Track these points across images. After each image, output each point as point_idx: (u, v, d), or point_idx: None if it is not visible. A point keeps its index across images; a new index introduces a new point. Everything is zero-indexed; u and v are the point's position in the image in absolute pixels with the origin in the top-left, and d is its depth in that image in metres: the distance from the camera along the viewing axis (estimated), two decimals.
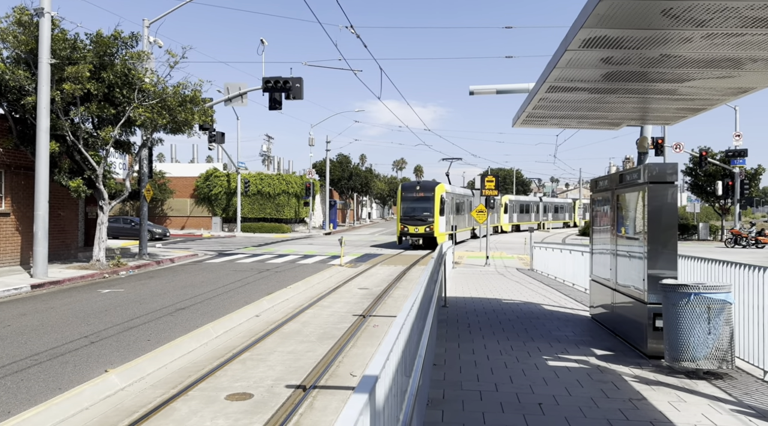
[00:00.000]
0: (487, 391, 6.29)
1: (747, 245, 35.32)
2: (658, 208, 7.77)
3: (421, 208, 31.03)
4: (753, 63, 5.82)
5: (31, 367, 7.66)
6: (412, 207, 31.19)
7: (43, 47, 15.52)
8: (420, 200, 31.26)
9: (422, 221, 30.69)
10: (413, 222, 30.77)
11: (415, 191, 31.65)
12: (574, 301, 13.00)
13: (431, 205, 30.91)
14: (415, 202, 31.33)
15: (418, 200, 31.29)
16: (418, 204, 31.16)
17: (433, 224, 30.64)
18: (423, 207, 31.02)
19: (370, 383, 2.11)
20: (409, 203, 31.35)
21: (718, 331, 6.67)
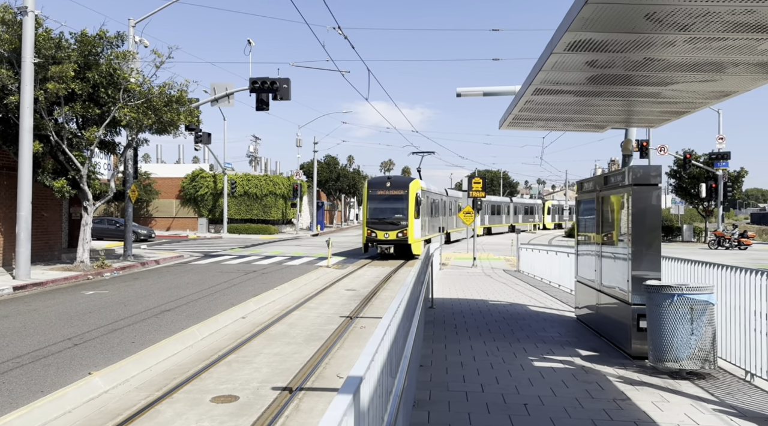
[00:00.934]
0: (473, 392, 6.30)
1: (730, 247, 35.77)
2: (643, 210, 7.84)
3: (392, 209, 25.44)
4: (735, 67, 5.90)
5: (13, 370, 7.56)
6: (382, 207, 25.61)
7: (27, 46, 15.34)
8: (391, 199, 25.63)
9: (394, 225, 24.97)
10: (383, 226, 25.16)
11: (385, 188, 25.88)
12: (560, 302, 13.08)
13: (404, 206, 25.33)
14: (385, 201, 25.70)
15: (388, 199, 25.65)
16: (389, 204, 25.58)
17: (407, 229, 24.95)
18: (395, 207, 25.44)
19: (354, 384, 2.11)
20: (377, 203, 25.78)
21: (701, 331, 6.75)
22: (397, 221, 25.11)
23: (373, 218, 25.34)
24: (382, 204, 25.69)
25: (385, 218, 25.25)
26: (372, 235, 25.08)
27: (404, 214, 25.20)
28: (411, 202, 25.34)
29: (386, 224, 25.14)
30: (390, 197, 25.66)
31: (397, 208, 25.38)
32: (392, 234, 24.97)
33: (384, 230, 25.00)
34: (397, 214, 25.24)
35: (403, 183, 26.15)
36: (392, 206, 25.49)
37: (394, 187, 25.87)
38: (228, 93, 22.91)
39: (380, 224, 25.20)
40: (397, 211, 25.32)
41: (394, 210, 25.39)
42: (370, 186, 26.35)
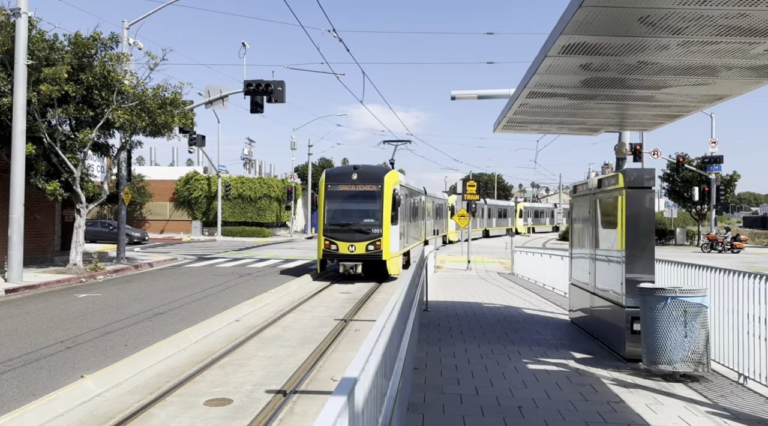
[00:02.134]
0: (467, 395, 6.30)
1: (723, 250, 35.94)
2: (636, 213, 7.87)
3: (359, 211, 18.52)
4: (728, 71, 5.93)
5: (5, 373, 7.50)
6: (345, 209, 18.62)
7: (20, 48, 15.27)
8: (359, 197, 18.65)
9: (362, 234, 18.02)
10: (346, 235, 18.03)
11: (350, 182, 18.66)
12: (554, 305, 13.10)
13: (377, 207, 18.25)
14: (349, 200, 18.67)
15: (355, 198, 18.66)
16: (356, 204, 18.64)
17: (381, 239, 17.88)
18: (363, 209, 18.50)
19: (348, 386, 2.11)
20: (339, 202, 18.61)
21: (695, 334, 6.77)
22: (367, 228, 17.94)
23: (334, 224, 18.19)
24: (346, 204, 18.54)
25: (350, 224, 18.07)
26: (331, 247, 17.91)
27: (377, 218, 18.00)
28: (386, 201, 18.11)
29: (351, 232, 17.96)
30: (357, 195, 18.51)
31: (368, 210, 18.29)
32: (360, 246, 17.73)
33: (348, 241, 17.82)
34: (367, 219, 18.14)
35: (375, 175, 18.79)
36: (360, 207, 18.43)
37: (362, 181, 18.49)
38: (222, 95, 22.88)
39: (343, 232, 17.99)
40: (366, 214, 18.26)
41: (363, 213, 18.33)
42: (328, 179, 18.85)
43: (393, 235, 18.23)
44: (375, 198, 18.34)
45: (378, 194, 18.34)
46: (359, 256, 17.87)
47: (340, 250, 17.95)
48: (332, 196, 18.61)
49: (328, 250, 18.13)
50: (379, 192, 18.34)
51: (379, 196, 18.28)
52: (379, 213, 18.14)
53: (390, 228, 18.07)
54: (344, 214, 18.50)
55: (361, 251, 17.83)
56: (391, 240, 18.08)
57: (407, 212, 21.21)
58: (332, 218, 18.36)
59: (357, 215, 18.45)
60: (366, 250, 17.85)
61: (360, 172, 18.70)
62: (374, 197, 18.35)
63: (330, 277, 19.15)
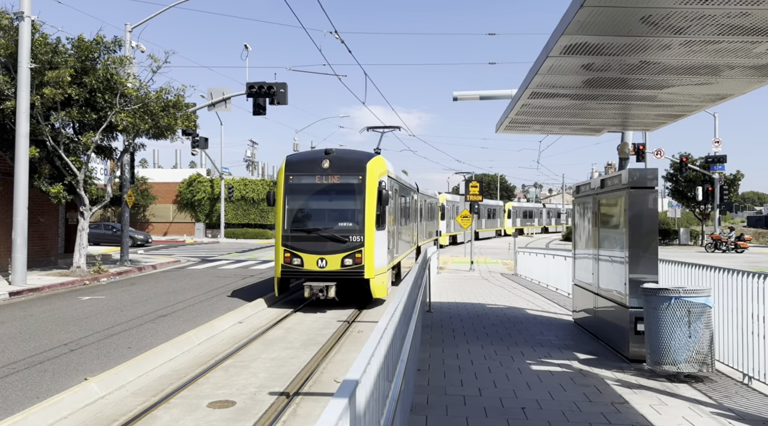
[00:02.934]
0: (471, 396, 6.29)
1: (727, 250, 35.83)
2: (639, 213, 7.85)
3: (333, 211, 13.93)
4: (730, 70, 5.92)
5: (9, 376, 7.51)
6: (313, 209, 13.98)
7: (23, 51, 15.32)
8: (331, 193, 13.91)
9: (338, 242, 13.30)
10: (314, 245, 13.30)
11: (319, 171, 13.82)
12: (558, 306, 13.08)
13: (358, 205, 13.56)
14: (318, 197, 13.93)
15: (326, 193, 13.89)
16: (327, 202, 14.00)
17: (364, 249, 13.22)
18: (338, 209, 13.92)
19: (350, 387, 2.10)
20: (304, 200, 13.97)
21: (699, 334, 6.75)
22: (344, 235, 13.19)
23: (297, 230, 13.38)
24: (314, 202, 13.85)
25: (320, 230, 13.26)
26: (293, 262, 13.14)
27: (357, 220, 13.34)
28: (370, 197, 13.35)
29: (322, 241, 13.17)
30: (329, 189, 13.69)
31: (344, 210, 13.70)
32: (333, 260, 13.01)
33: (317, 253, 13.06)
34: (344, 222, 13.46)
35: (354, 162, 13.90)
36: (334, 206, 13.83)
37: (337, 170, 13.64)
38: (225, 98, 22.92)
39: (310, 241, 13.20)
40: (342, 216, 13.63)
41: (338, 213, 13.72)
42: (290, 168, 13.88)
43: (379, 243, 13.28)
44: (354, 193, 13.36)
45: (358, 188, 13.34)
46: (332, 273, 12.86)
47: (305, 266, 12.95)
48: (295, 191, 13.62)
49: (289, 266, 13.02)
50: (359, 185, 13.35)
51: (360, 191, 13.29)
52: (360, 214, 13.18)
53: (375, 234, 13.13)
54: (312, 215, 13.66)
55: (334, 267, 12.86)
56: (376, 250, 13.13)
57: (397, 212, 16.07)
58: (295, 222, 13.47)
59: (329, 217, 13.58)
60: (342, 265, 12.87)
61: (334, 159, 13.64)
62: (353, 192, 13.38)
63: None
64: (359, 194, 13.41)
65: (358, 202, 13.42)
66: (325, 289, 12.73)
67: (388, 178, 14.40)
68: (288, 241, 13.29)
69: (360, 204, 13.38)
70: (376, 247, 13.29)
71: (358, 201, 13.41)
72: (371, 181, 13.45)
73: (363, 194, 13.37)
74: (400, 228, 16.89)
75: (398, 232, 16.26)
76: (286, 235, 13.35)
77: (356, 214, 13.39)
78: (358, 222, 13.29)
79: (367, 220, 13.22)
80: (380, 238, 13.47)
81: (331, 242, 13.16)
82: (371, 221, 13.23)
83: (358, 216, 13.35)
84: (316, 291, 12.73)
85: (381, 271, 13.49)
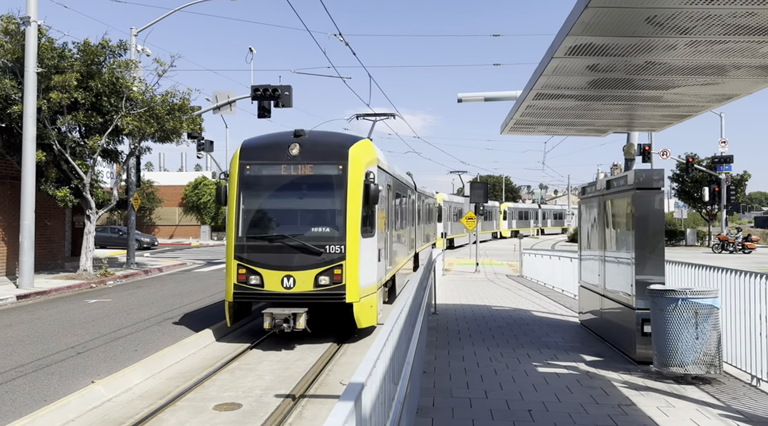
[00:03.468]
0: (477, 399, 6.27)
1: (734, 251, 35.65)
2: (646, 214, 7.82)
3: (304, 213, 10.52)
4: (736, 70, 5.89)
5: (17, 379, 7.55)
6: (276, 210, 10.55)
7: (30, 56, 15.41)
8: (301, 189, 10.39)
9: (309, 254, 9.78)
10: (278, 257, 9.83)
11: (286, 159, 10.23)
12: (564, 308, 13.04)
13: (338, 204, 10.11)
14: (284, 193, 10.46)
15: (294, 188, 10.38)
16: (296, 200, 10.56)
17: (345, 263, 9.72)
18: (311, 210, 10.52)
19: (355, 390, 2.10)
20: (265, 198, 10.53)
21: (706, 336, 6.71)
22: (318, 244, 9.86)
23: (256, 237, 10.11)
24: (278, 200, 10.56)
25: (286, 237, 9.98)
26: (250, 280, 9.91)
27: (336, 224, 10.10)
28: (353, 194, 10.06)
29: (288, 252, 9.91)
30: (299, 183, 10.36)
31: (318, 211, 10.47)
32: (303, 278, 9.77)
33: (282, 268, 9.82)
34: (319, 227, 10.24)
35: (332, 147, 10.51)
36: (304, 206, 10.58)
37: (309, 157, 10.30)
38: (230, 101, 22.99)
39: (272, 252, 9.96)
40: (316, 219, 10.39)
41: (310, 216, 10.48)
42: (246, 155, 10.53)
43: (366, 254, 10.00)
44: (332, 188, 10.06)
45: (338, 181, 10.01)
46: (303, 296, 9.56)
47: (266, 286, 9.66)
48: (253, 185, 10.23)
49: (244, 287, 9.74)
50: (339, 177, 10.00)
51: (341, 185, 9.97)
52: (341, 216, 9.89)
53: (361, 242, 9.82)
54: (275, 218, 10.33)
55: (305, 287, 9.56)
56: (362, 264, 9.83)
57: (391, 214, 12.78)
58: (253, 227, 10.11)
59: (299, 220, 10.27)
60: (316, 284, 9.57)
61: (306, 143, 10.20)
62: (331, 187, 10.08)
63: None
64: (339, 190, 9.92)
65: (337, 201, 9.94)
66: (291, 317, 9.24)
67: (379, 170, 10.84)
68: (243, 252, 9.79)
69: (340, 203, 9.88)
70: (362, 259, 9.80)
71: (338, 199, 9.92)
72: (355, 173, 9.93)
73: (344, 190, 9.85)
74: (395, 233, 13.60)
75: (392, 238, 12.90)
76: (241, 245, 9.83)
77: (335, 216, 9.94)
78: (338, 226, 9.81)
79: (350, 223, 9.70)
80: (368, 247, 10.03)
81: (302, 254, 9.63)
82: (355, 225, 9.72)
83: (337, 219, 9.88)
84: (279, 321, 9.19)
85: (369, 291, 9.93)
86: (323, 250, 9.70)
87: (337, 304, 9.75)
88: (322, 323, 10.97)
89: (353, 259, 9.71)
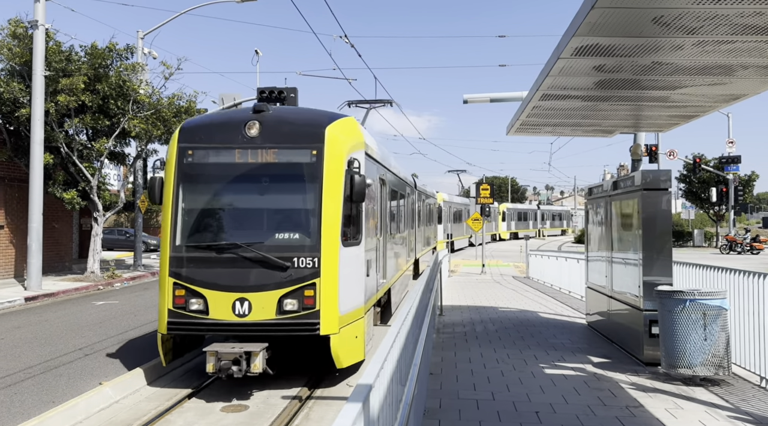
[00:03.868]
0: (484, 400, 6.26)
1: (742, 251, 35.44)
2: (653, 215, 7.79)
3: (262, 213, 7.63)
4: (744, 70, 5.86)
5: (25, 381, 7.59)
6: (229, 210, 7.68)
7: (38, 59, 15.52)
8: (261, 180, 7.58)
9: (269, 270, 7.05)
10: (228, 273, 7.11)
11: (241, 142, 7.49)
12: (570, 309, 12.99)
13: (309, 202, 7.39)
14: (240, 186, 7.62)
15: (251, 179, 7.55)
16: (254, 196, 7.67)
17: (319, 281, 7.03)
18: (273, 209, 7.63)
19: (363, 392, 2.10)
20: (213, 191, 7.69)
21: (714, 337, 6.67)
22: (283, 255, 7.14)
23: (198, 247, 7.37)
24: (231, 196, 7.74)
25: (239, 246, 7.20)
26: (191, 305, 7.16)
27: (307, 229, 7.38)
28: (332, 188, 7.36)
29: (242, 266, 7.16)
30: (259, 173, 7.58)
31: (285, 211, 7.71)
32: (263, 302, 7.04)
33: (234, 288, 7.09)
34: (284, 232, 7.44)
35: (304, 126, 7.72)
36: (265, 204, 7.71)
37: (272, 139, 7.53)
38: (236, 103, 23.06)
39: (220, 266, 7.19)
40: (282, 222, 7.62)
41: (274, 218, 7.66)
42: (187, 137, 7.74)
43: (349, 268, 7.54)
44: (303, 181, 7.54)
45: (310, 171, 7.48)
46: (261, 327, 7.09)
47: (212, 313, 7.15)
48: (195, 177, 7.70)
49: (182, 314, 7.23)
50: (312, 166, 7.48)
51: (314, 177, 7.45)
52: (314, 217, 7.38)
53: (341, 253, 7.36)
54: (225, 221, 7.72)
55: (265, 315, 7.08)
56: (343, 281, 7.36)
57: (385, 215, 10.40)
58: (195, 232, 7.59)
59: (258, 224, 7.69)
60: (280, 311, 7.08)
61: (268, 121, 7.67)
62: (301, 179, 7.56)
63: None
64: (312, 182, 7.35)
65: (310, 197, 7.36)
66: (243, 357, 6.73)
67: (367, 159, 8.27)
68: (182, 267, 7.20)
69: (314, 200, 7.30)
70: (344, 274, 7.26)
71: (311, 195, 7.35)
72: (334, 160, 7.37)
73: (319, 182, 7.30)
74: (390, 238, 11.14)
75: (386, 244, 10.42)
76: (179, 257, 7.24)
77: (307, 217, 7.37)
78: (311, 232, 7.25)
79: (327, 227, 7.18)
80: (351, 258, 7.51)
81: (261, 269, 7.06)
82: (334, 230, 7.20)
83: (310, 221, 7.31)
84: (226, 363, 6.69)
85: (352, 317, 7.44)
86: (290, 264, 6.99)
87: (309, 338, 7.11)
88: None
89: (331, 275, 7.06)
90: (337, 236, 7.25)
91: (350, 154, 7.64)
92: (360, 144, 8.02)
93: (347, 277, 7.40)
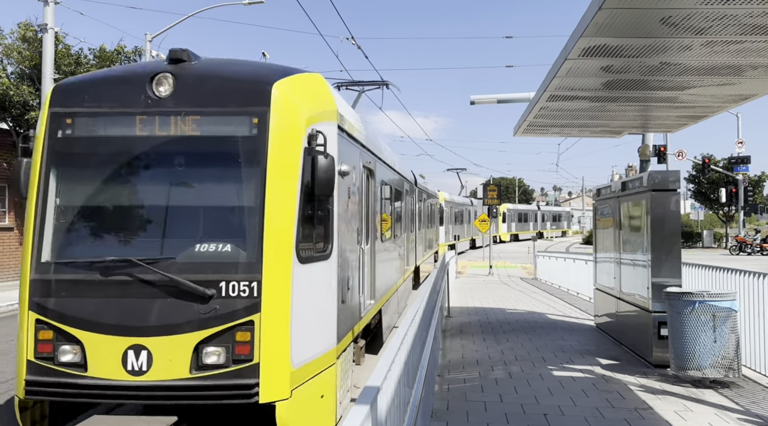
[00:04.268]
0: (491, 402, 6.24)
1: (752, 252, 35.19)
2: (662, 216, 7.75)
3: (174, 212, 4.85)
4: (753, 70, 5.83)
5: None
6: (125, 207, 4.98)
7: (47, 62, 15.64)
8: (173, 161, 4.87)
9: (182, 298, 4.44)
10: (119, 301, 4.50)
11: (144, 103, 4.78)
12: (579, 310, 12.94)
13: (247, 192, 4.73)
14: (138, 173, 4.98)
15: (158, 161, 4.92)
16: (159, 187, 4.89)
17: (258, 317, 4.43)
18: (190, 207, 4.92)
19: (371, 394, 2.10)
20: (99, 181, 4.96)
21: (724, 339, 6.63)
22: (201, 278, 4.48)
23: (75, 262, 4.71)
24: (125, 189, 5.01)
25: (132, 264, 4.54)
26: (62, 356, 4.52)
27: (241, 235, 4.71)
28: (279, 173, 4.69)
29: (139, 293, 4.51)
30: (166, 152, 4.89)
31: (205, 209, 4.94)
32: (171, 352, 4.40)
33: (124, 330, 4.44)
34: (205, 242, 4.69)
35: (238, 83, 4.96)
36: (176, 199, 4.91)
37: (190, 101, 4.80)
38: None
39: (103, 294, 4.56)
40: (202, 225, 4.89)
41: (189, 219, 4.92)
42: (62, 100, 5.02)
43: (309, 295, 4.96)
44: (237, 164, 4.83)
45: (248, 149, 4.78)
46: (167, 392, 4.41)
47: (91, 370, 4.45)
48: (73, 159, 5.04)
49: (47, 368, 4.54)
50: (251, 141, 4.77)
51: (253, 157, 4.75)
52: (252, 217, 4.69)
53: (295, 273, 4.71)
54: (114, 225, 4.98)
55: (174, 373, 4.40)
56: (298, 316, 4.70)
57: (374, 215, 8.06)
58: (70, 243, 4.93)
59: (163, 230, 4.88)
60: (196, 366, 4.43)
61: (187, 75, 4.93)
62: (233, 160, 4.83)
63: None
64: (251, 166, 4.81)
65: (246, 188, 4.85)
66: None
67: (341, 135, 5.82)
68: (48, 295, 4.71)
69: (252, 192, 4.77)
70: (299, 305, 4.76)
71: (249, 184, 4.82)
72: (285, 131, 4.87)
73: (262, 166, 4.74)
74: (383, 245, 8.91)
75: (376, 253, 8.14)
76: (44, 281, 4.74)
77: (241, 219, 4.88)
78: (246, 241, 4.72)
79: (272, 234, 4.67)
80: (313, 279, 5.08)
81: (167, 300, 4.55)
82: (283, 238, 4.72)
83: (245, 225, 4.80)
84: None
85: (315, 369, 4.98)
86: (214, 292, 4.51)
87: (242, 407, 4.79)
88: None
89: (277, 307, 4.59)
90: (289, 248, 4.68)
91: (312, 125, 5.03)
92: (328, 112, 5.44)
93: (305, 308, 4.82)
